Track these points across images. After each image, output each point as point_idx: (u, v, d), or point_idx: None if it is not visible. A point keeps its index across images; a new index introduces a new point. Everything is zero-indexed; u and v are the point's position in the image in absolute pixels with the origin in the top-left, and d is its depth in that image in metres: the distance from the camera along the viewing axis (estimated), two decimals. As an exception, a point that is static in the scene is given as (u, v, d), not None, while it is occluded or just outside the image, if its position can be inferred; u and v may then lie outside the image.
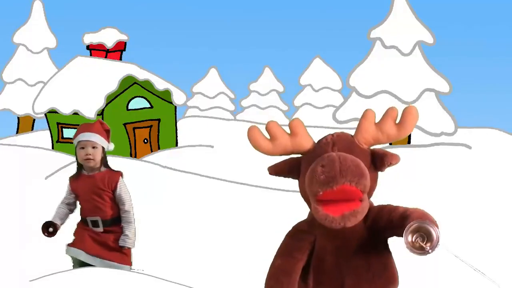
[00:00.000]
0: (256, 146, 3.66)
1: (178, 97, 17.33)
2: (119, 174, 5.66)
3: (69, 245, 5.87)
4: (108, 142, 5.70)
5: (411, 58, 16.06)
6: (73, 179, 5.64)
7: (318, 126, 16.30)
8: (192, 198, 11.33)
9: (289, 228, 3.82)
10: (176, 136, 17.52)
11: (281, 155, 3.67)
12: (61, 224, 5.85)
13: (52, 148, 16.94)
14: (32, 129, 23.13)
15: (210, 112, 25.30)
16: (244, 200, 11.34)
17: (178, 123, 17.79)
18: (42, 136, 18.75)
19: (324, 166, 3.42)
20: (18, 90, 23.04)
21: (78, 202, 5.76)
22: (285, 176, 3.70)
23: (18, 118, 23.41)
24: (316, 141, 3.65)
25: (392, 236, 3.53)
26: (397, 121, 3.60)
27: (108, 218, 5.56)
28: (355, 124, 3.76)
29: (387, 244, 3.62)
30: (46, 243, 6.23)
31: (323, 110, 24.38)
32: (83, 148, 5.58)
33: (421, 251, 3.30)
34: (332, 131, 3.68)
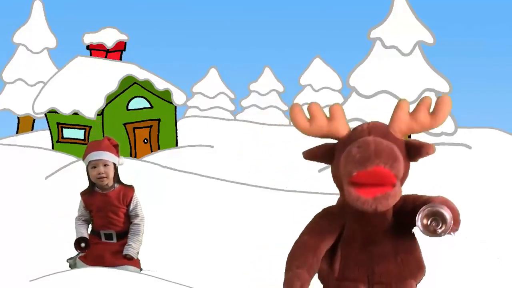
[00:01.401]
0: (295, 123, 3.74)
1: (178, 97, 17.32)
2: (132, 190, 5.65)
3: (80, 258, 5.79)
4: (118, 156, 5.66)
5: (411, 58, 16.06)
6: (86, 196, 5.62)
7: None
8: (192, 198, 11.33)
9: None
10: (176, 136, 17.52)
11: (316, 136, 3.74)
12: None
13: (52, 148, 16.94)
14: (32, 129, 23.11)
15: (210, 112, 25.29)
16: (244, 200, 11.34)
17: (178, 123, 17.78)
18: (42, 136, 18.74)
19: (359, 147, 3.50)
20: (18, 90, 23.03)
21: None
22: (318, 161, 3.77)
23: (18, 118, 23.40)
24: (352, 129, 3.73)
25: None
26: (431, 111, 3.67)
27: (122, 231, 5.57)
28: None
29: (413, 231, 3.66)
30: (46, 243, 6.23)
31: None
32: (94, 167, 5.54)
33: (434, 234, 3.40)
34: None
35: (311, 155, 3.78)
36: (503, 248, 8.91)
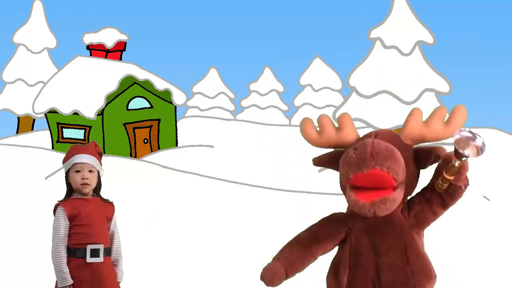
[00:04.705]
0: (305, 135, 3.75)
1: (178, 97, 17.33)
2: (113, 206, 5.09)
3: None
4: (101, 165, 5.19)
5: (411, 58, 16.06)
6: (67, 203, 4.89)
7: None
8: (192, 198, 11.33)
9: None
10: (176, 136, 17.52)
11: (325, 146, 3.75)
12: None
13: (52, 148, 16.94)
14: (32, 129, 23.13)
15: (210, 112, 25.31)
16: (244, 200, 11.34)
17: (178, 123, 17.79)
18: (42, 136, 18.75)
19: (356, 149, 3.51)
20: (18, 90, 23.05)
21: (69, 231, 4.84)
22: (327, 166, 3.77)
23: (18, 118, 23.41)
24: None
25: (429, 206, 3.57)
26: (445, 120, 3.66)
27: (107, 246, 5.02)
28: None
29: (423, 241, 3.64)
30: (46, 243, 6.21)
31: (323, 110, 24.37)
32: (78, 171, 4.93)
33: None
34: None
35: (320, 161, 3.79)
36: (503, 247, 8.91)
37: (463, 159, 3.43)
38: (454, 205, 3.66)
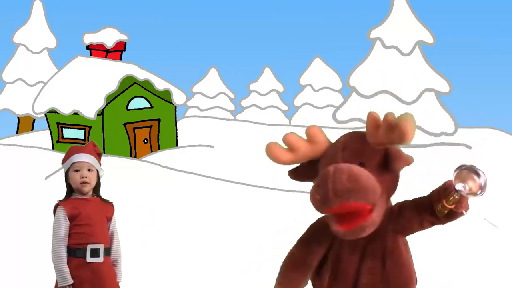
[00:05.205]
0: (277, 160, 3.71)
1: (178, 97, 17.33)
2: (113, 206, 5.08)
3: None
4: (100, 165, 5.17)
5: (411, 58, 16.06)
6: (67, 203, 4.89)
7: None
8: (192, 198, 11.33)
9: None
10: (176, 136, 17.52)
11: (302, 162, 3.72)
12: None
13: (52, 148, 16.94)
14: (32, 129, 23.13)
15: (210, 112, 25.31)
16: (244, 200, 11.34)
17: (178, 123, 17.79)
18: (42, 136, 18.75)
19: (318, 186, 3.44)
20: (18, 90, 23.05)
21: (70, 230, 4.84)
22: (305, 180, 3.74)
23: (18, 118, 23.42)
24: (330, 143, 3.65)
25: (419, 221, 3.50)
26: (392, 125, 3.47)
27: (107, 246, 4.88)
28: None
29: (407, 245, 3.63)
30: (46, 243, 6.22)
31: (323, 110, 24.39)
32: (77, 170, 4.96)
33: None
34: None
35: (297, 175, 3.77)
36: (503, 247, 8.91)
37: (461, 193, 3.28)
38: None
